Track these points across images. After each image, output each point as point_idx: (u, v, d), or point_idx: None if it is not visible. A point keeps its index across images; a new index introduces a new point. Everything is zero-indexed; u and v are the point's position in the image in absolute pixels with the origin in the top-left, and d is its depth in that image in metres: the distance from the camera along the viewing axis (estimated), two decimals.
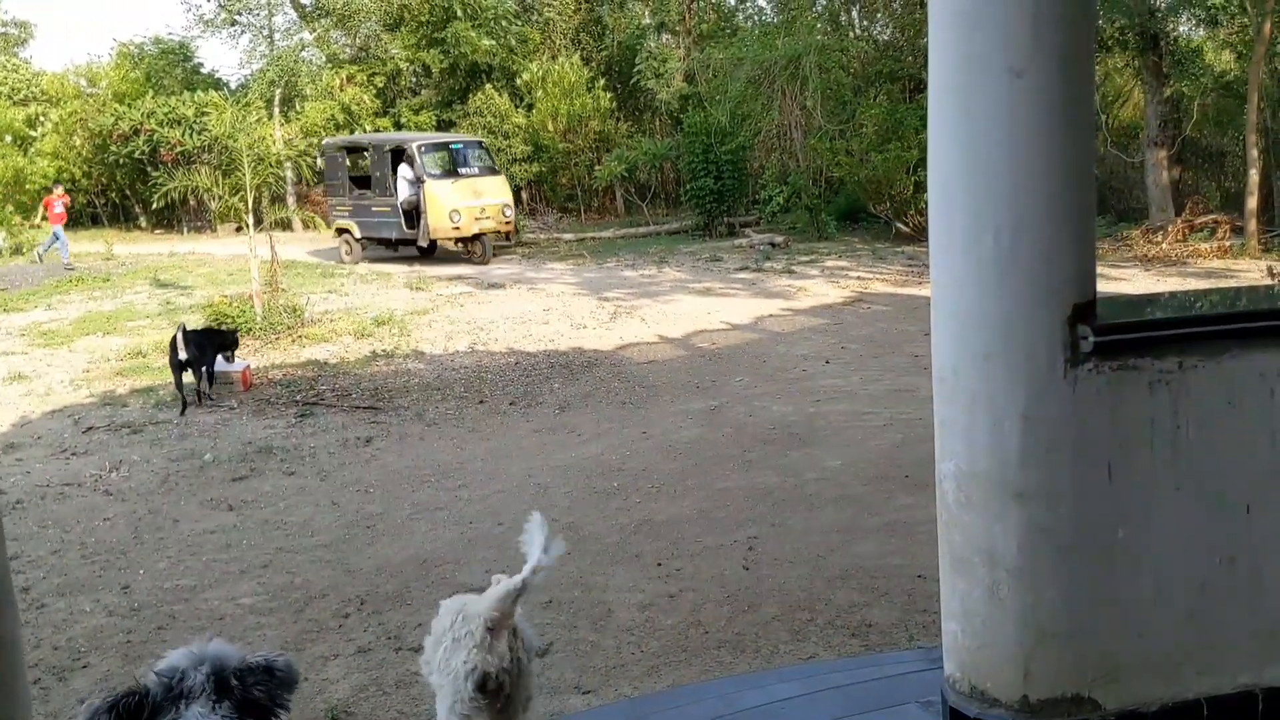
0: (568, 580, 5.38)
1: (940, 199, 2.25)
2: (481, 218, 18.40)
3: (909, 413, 8.11)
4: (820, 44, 19.73)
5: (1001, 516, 2.25)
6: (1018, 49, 2.08)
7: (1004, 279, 2.16)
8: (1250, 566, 2.33)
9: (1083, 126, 2.16)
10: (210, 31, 28.41)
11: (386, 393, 9.63)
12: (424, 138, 20.36)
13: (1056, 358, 2.17)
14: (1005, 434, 2.21)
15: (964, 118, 2.18)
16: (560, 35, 26.74)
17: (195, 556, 6.02)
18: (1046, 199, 2.14)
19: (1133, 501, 2.25)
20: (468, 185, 18.63)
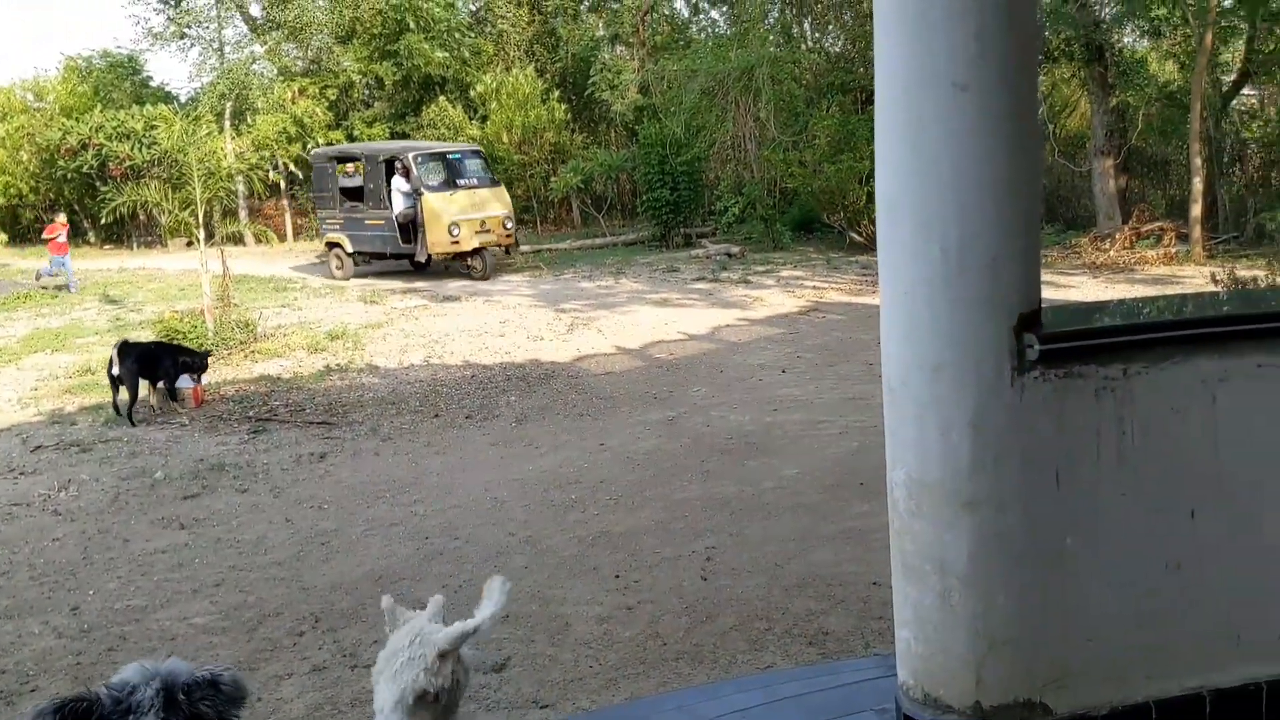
0: (525, 594, 5.37)
1: (888, 211, 2.27)
2: (482, 231, 17.54)
3: (863, 420, 8.16)
4: (773, 56, 19.87)
5: (952, 524, 2.27)
6: (962, 63, 2.11)
7: (951, 289, 2.19)
8: (1196, 571, 2.36)
9: (1027, 139, 2.19)
10: (159, 44, 28.04)
11: (341, 408, 9.55)
12: (420, 146, 19.43)
13: (1003, 367, 2.20)
14: (954, 442, 2.23)
15: (910, 131, 2.20)
16: (514, 47, 26.71)
17: (146, 576, 5.94)
18: (992, 210, 2.17)
19: (1080, 508, 2.28)
20: (467, 197, 17.75)
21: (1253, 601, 2.42)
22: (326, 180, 19.44)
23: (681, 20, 28.13)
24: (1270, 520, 2.39)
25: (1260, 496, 2.37)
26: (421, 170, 17.72)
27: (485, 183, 18.45)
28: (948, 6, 2.11)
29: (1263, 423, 2.33)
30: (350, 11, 25.03)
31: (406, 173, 17.63)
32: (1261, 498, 2.37)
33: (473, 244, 17.49)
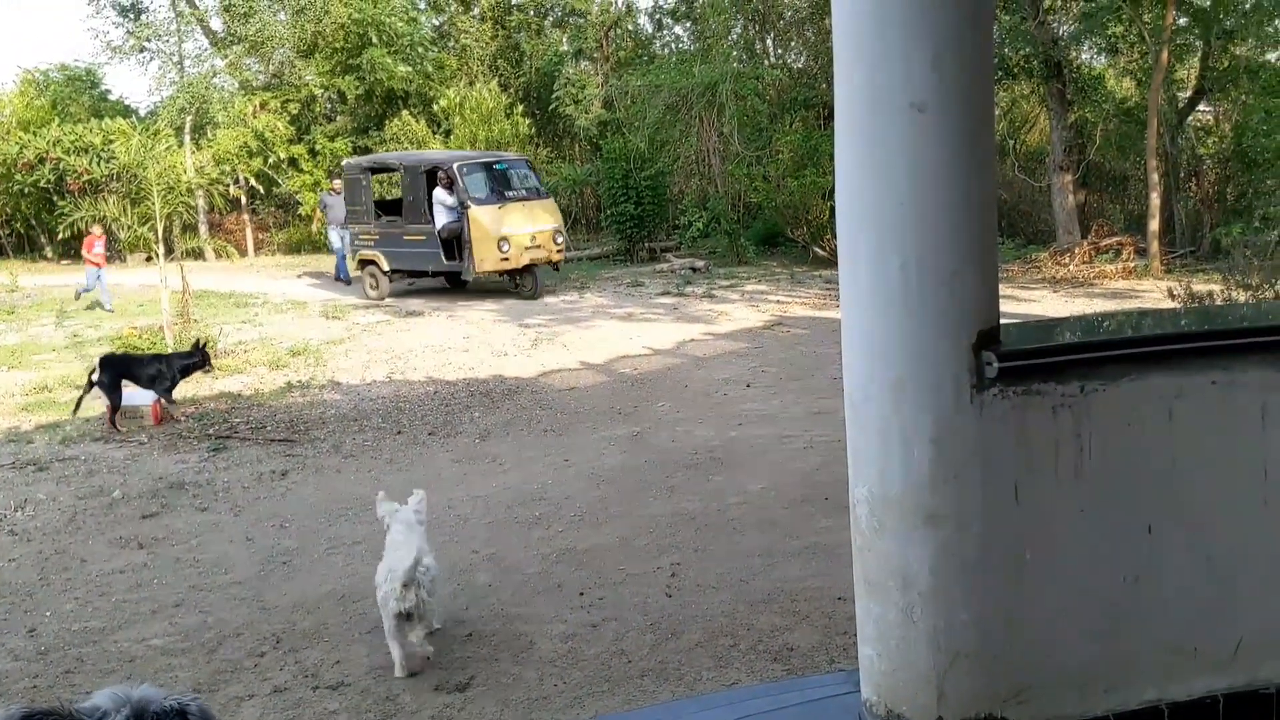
0: (489, 613, 5.34)
1: (848, 229, 2.29)
2: (532, 246, 16.27)
3: (828, 434, 8.19)
4: (736, 72, 19.98)
5: (913, 540, 2.28)
6: (920, 85, 2.13)
7: (910, 307, 2.20)
8: (1154, 584, 2.39)
9: (983, 159, 2.21)
10: (118, 58, 27.84)
11: (302, 425, 9.46)
12: (465, 156, 18.05)
13: (963, 384, 2.22)
14: (915, 459, 2.24)
15: (869, 151, 2.22)
16: (477, 62, 26.73)
17: (104, 597, 5.84)
18: (950, 229, 2.19)
19: (1040, 523, 2.30)
20: (516, 210, 16.44)
21: (1210, 614, 2.45)
22: (360, 192, 18.22)
23: (645, 36, 28.25)
24: (1226, 534, 2.42)
25: (1216, 510, 2.40)
26: (467, 181, 16.49)
27: (533, 194, 17.21)
28: (905, 29, 2.13)
29: (1217, 438, 2.37)
30: (312, 26, 24.95)
31: (450, 184, 16.43)
32: (1217, 511, 2.40)
33: (523, 260, 16.36)
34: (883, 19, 2.14)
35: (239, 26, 25.63)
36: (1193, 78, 18.78)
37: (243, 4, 25.60)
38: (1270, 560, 2.45)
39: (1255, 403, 2.35)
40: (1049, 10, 17.84)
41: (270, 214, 28.06)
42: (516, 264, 16.33)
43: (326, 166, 25.40)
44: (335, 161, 25.43)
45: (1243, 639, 2.47)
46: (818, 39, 21.64)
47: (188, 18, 27.24)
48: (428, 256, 17.00)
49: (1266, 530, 2.43)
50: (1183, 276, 14.81)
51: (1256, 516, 2.41)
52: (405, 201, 17.47)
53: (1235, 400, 2.35)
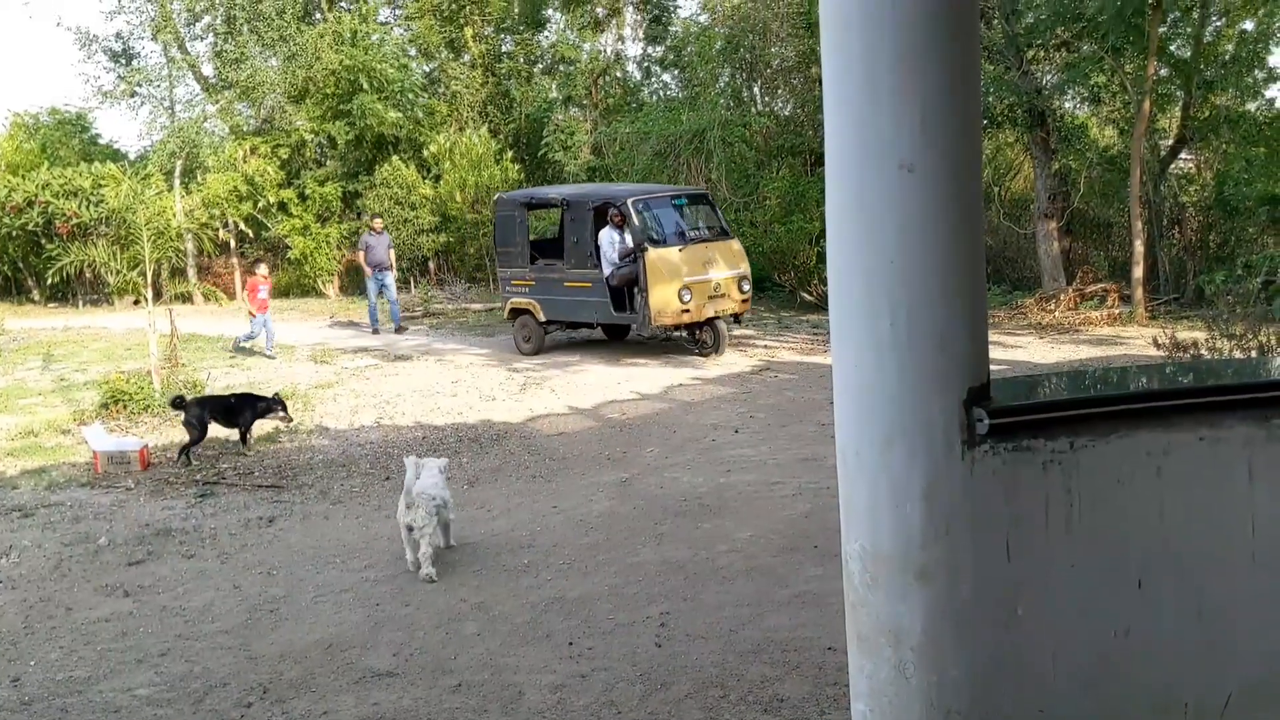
0: (476, 662, 5.32)
1: (838, 284, 2.32)
2: (716, 296, 13.97)
3: (817, 481, 8.20)
4: (724, 119, 20.16)
5: (905, 596, 2.29)
6: (909, 145, 2.17)
7: (901, 363, 2.23)
8: (1144, 638, 2.40)
9: (971, 216, 2.25)
10: (109, 103, 27.99)
11: (290, 470, 9.44)
12: (638, 190, 15.53)
13: (954, 440, 2.24)
14: (907, 514, 2.26)
15: (859, 208, 2.25)
16: (467, 108, 26.89)
17: (90, 646, 5.80)
18: (938, 287, 2.22)
19: (1031, 578, 2.32)
20: (698, 253, 14.15)
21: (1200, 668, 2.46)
22: (514, 231, 15.81)
23: (633, 83, 28.51)
24: (1215, 587, 2.43)
25: (1205, 564, 2.42)
26: (642, 219, 14.24)
27: (716, 234, 14.79)
28: (894, 90, 2.17)
29: (1205, 493, 2.39)
30: (303, 72, 25.11)
31: (622, 223, 14.25)
32: (1206, 565, 2.42)
33: (706, 313, 13.97)
34: (872, 81, 2.19)
35: (230, 72, 25.79)
36: (1174, 127, 19.02)
37: (234, 50, 25.79)
38: (1259, 614, 2.47)
39: (1241, 458, 2.38)
40: (1032, 60, 18.08)
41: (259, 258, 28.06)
42: (698, 317, 13.92)
43: (316, 211, 25.47)
44: (325, 205, 25.53)
45: (1233, 693, 2.48)
46: (804, 87, 21.86)
47: (179, 63, 27.44)
48: (592, 307, 14.76)
49: (1255, 584, 2.45)
50: (1167, 323, 14.93)
51: (1245, 570, 2.43)
52: (567, 243, 15.14)
53: (1222, 456, 2.38)
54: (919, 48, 2.17)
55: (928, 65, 2.17)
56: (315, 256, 25.22)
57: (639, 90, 28.04)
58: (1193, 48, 17.75)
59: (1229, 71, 17.89)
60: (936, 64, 2.17)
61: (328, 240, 25.32)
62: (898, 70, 2.17)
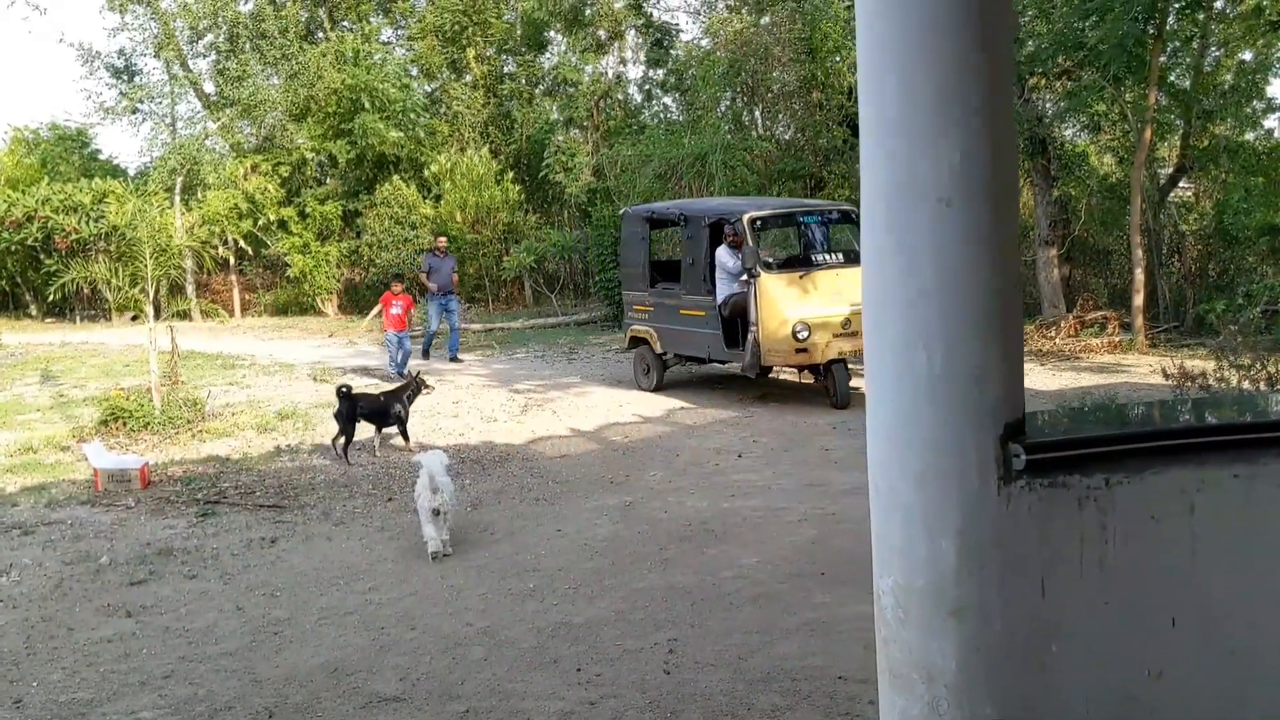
0: (484, 689, 5.28)
1: (874, 319, 2.30)
2: (844, 334, 11.71)
3: (822, 507, 8.18)
4: (726, 143, 20.23)
5: (939, 633, 2.27)
6: (946, 179, 2.16)
7: (937, 398, 2.22)
8: (1176, 679, 2.38)
9: (1008, 250, 2.25)
10: (111, 119, 28.04)
11: (292, 490, 9.40)
12: (758, 204, 13.53)
13: (989, 476, 2.22)
14: (941, 551, 2.24)
15: (896, 242, 2.24)
16: (469, 128, 26.99)
17: (92, 667, 5.75)
18: (977, 320, 2.21)
19: (1064, 616, 2.30)
20: (825, 281, 11.98)
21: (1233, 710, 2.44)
22: (636, 250, 14.06)
23: (634, 105, 28.61)
24: (1249, 627, 2.41)
25: (1239, 603, 2.40)
26: (761, 239, 12.50)
27: (853, 259, 12.07)
28: (932, 125, 2.17)
29: (1239, 531, 2.37)
30: (305, 90, 25.20)
31: (738, 243, 12.14)
32: (1240, 605, 2.40)
33: (829, 353, 11.79)
34: (910, 117, 2.18)
35: (232, 90, 25.87)
36: (1173, 156, 19.13)
37: (236, 68, 25.89)
38: None
39: (1276, 496, 2.36)
40: (1033, 89, 18.16)
41: (258, 275, 28.09)
42: (820, 358, 11.83)
43: (316, 229, 25.49)
44: (325, 223, 25.55)
45: None
46: (804, 112, 21.96)
47: (181, 80, 27.52)
48: (705, 339, 12.74)
49: None
50: (1167, 352, 14.96)
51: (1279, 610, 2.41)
52: (683, 264, 13.32)
53: (1257, 493, 2.36)
54: (956, 85, 2.16)
55: (965, 101, 2.16)
56: (314, 274, 25.25)
57: (640, 113, 28.15)
58: (1192, 77, 17.87)
59: (1228, 101, 18.02)
60: (973, 100, 2.16)
61: (327, 258, 25.36)
62: (936, 107, 2.16)
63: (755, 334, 11.79)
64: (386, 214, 24.69)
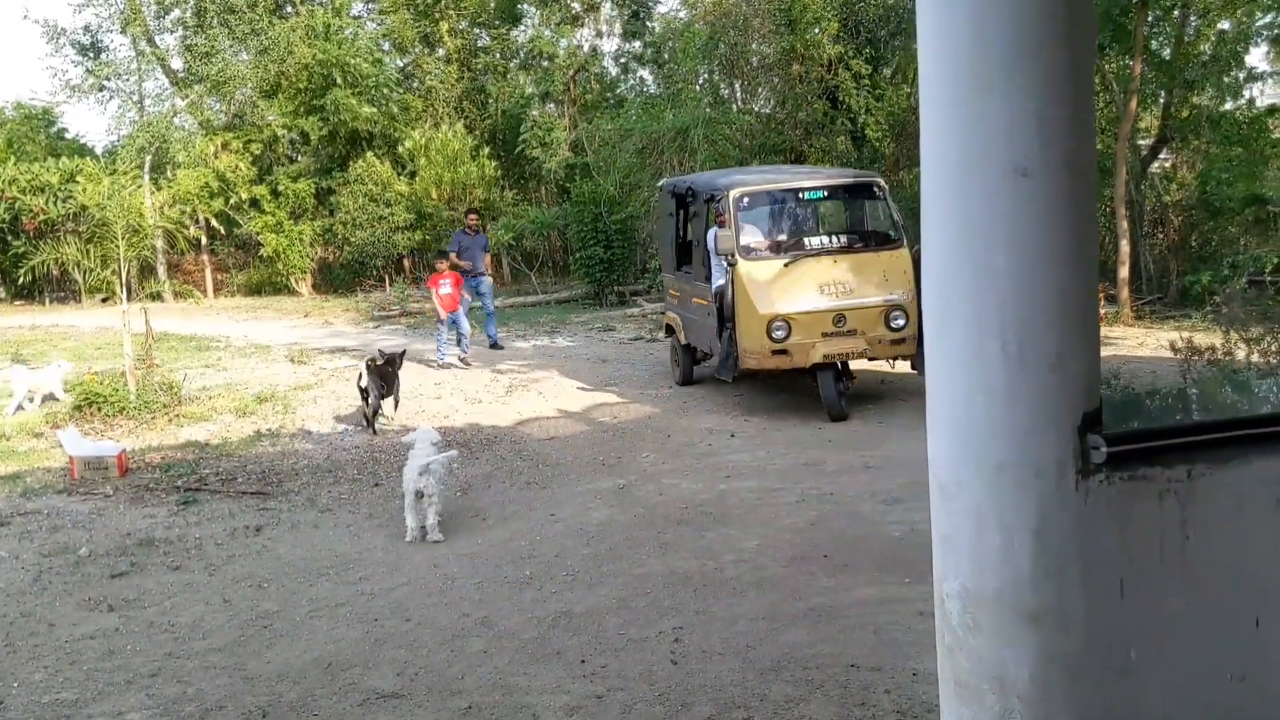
0: (486, 683, 5.10)
1: (938, 302, 2.12)
2: (836, 333, 10.12)
3: (819, 487, 8.04)
4: (708, 117, 19.99)
5: (1012, 640, 2.10)
6: (1023, 148, 1.98)
7: (1012, 387, 2.04)
8: (1260, 682, 2.23)
9: (1087, 224, 2.07)
10: (77, 97, 27.46)
11: (275, 476, 9.16)
12: (753, 176, 12.06)
13: (1068, 469, 2.05)
14: (1015, 552, 2.07)
15: (964, 217, 2.06)
16: (443, 103, 26.60)
17: (75, 666, 5.53)
18: (1054, 303, 2.03)
19: (1144, 619, 2.14)
20: (817, 270, 10.40)
21: None
22: (666, 228, 13.10)
23: (610, 78, 28.29)
24: None
25: None
26: (743, 218, 10.72)
27: (872, 242, 10.96)
28: (1008, 88, 1.98)
29: None
30: (276, 66, 24.71)
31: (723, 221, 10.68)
32: None
33: (814, 357, 10.11)
34: (982, 80, 2.00)
35: (200, 66, 25.33)
36: (1155, 127, 19.02)
37: (204, 44, 25.34)
38: None
39: None
40: None
41: (230, 254, 27.67)
42: (803, 361, 10.15)
43: (289, 207, 25.09)
44: (299, 201, 25.13)
45: None
46: (784, 85, 21.73)
47: (148, 57, 26.98)
48: (706, 330, 11.26)
49: None
50: (1154, 324, 14.91)
51: None
52: (693, 246, 12.12)
53: None
54: (1035, 42, 1.98)
55: (1045, 62, 1.98)
56: (288, 254, 24.87)
57: (616, 86, 27.83)
58: (1173, 47, 17.74)
59: (1209, 71, 17.90)
60: (1053, 61, 1.98)
61: (301, 237, 24.97)
62: (1013, 69, 1.97)
63: (732, 331, 10.41)
64: (360, 191, 24.30)
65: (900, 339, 10.23)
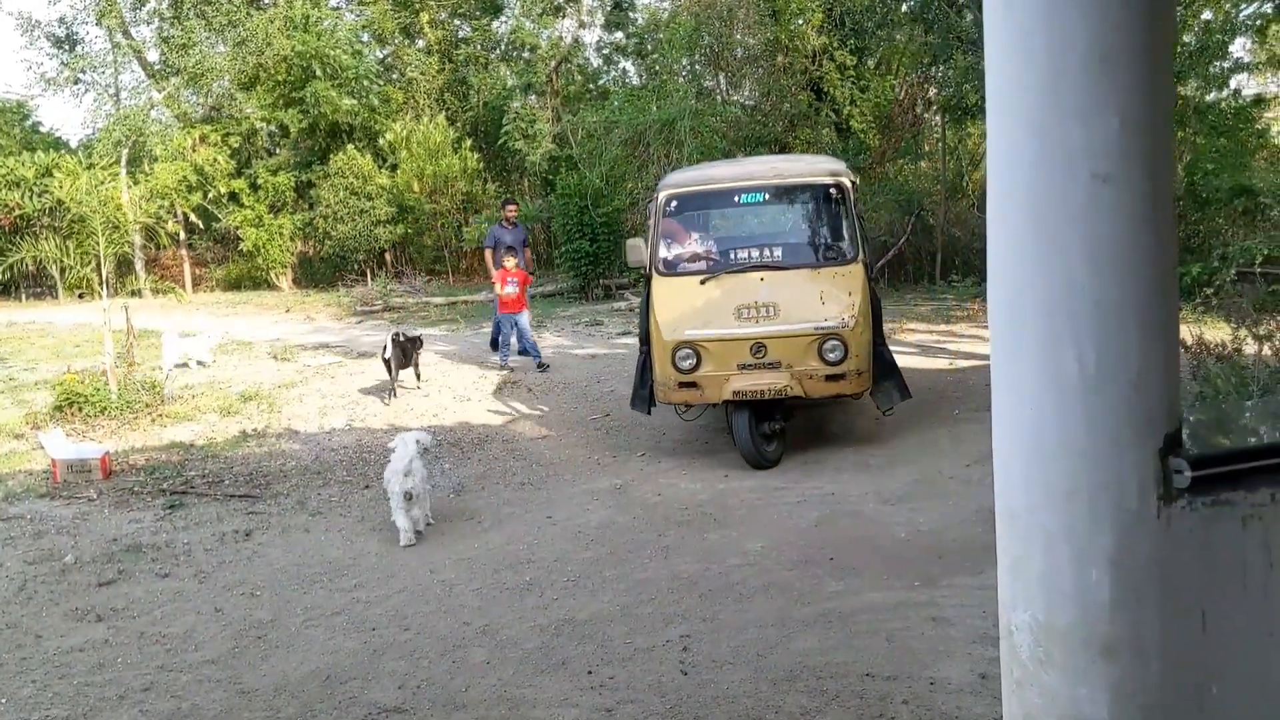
0: (491, 695, 4.95)
1: (1007, 315, 1.99)
2: (756, 365, 8.44)
3: (820, 486, 7.93)
4: (694, 108, 19.84)
5: (1087, 675, 1.98)
6: (1102, 153, 1.85)
7: (1089, 408, 1.91)
8: None
9: (1167, 233, 1.94)
10: (52, 90, 27.05)
11: (262, 478, 8.98)
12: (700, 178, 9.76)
13: (1148, 494, 1.93)
14: (1092, 582, 1.94)
15: (1036, 227, 1.93)
16: (424, 95, 26.35)
17: (65, 680, 5.35)
18: (1135, 317, 1.90)
19: (1225, 653, 2.02)
20: (742, 288, 8.67)
21: None
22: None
23: (593, 70, 28.08)
24: None
25: None
26: (665, 226, 9.21)
27: (818, 257, 8.95)
28: (1089, 89, 1.85)
29: None
30: (254, 58, 24.40)
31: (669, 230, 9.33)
32: None
33: (725, 392, 8.47)
34: (1059, 80, 1.86)
35: (177, 58, 24.98)
36: None
37: (181, 36, 24.99)
38: None
39: None
40: None
41: (208, 249, 27.35)
42: (713, 397, 8.59)
43: (268, 201, 24.80)
44: (278, 195, 24.86)
45: None
46: (769, 76, 21.60)
47: (124, 49, 26.59)
48: None
49: None
50: None
51: None
52: None
53: None
54: (1117, 39, 1.85)
55: (1127, 58, 1.84)
56: (268, 248, 24.59)
57: (599, 78, 27.63)
58: None
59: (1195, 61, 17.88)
60: (1136, 56, 1.85)
61: (281, 231, 24.70)
62: (1093, 65, 1.84)
63: (647, 357, 8.99)
64: (341, 184, 24.05)
65: (838, 374, 8.34)
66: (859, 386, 8.49)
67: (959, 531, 6.77)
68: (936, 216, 20.60)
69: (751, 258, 8.98)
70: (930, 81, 22.82)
